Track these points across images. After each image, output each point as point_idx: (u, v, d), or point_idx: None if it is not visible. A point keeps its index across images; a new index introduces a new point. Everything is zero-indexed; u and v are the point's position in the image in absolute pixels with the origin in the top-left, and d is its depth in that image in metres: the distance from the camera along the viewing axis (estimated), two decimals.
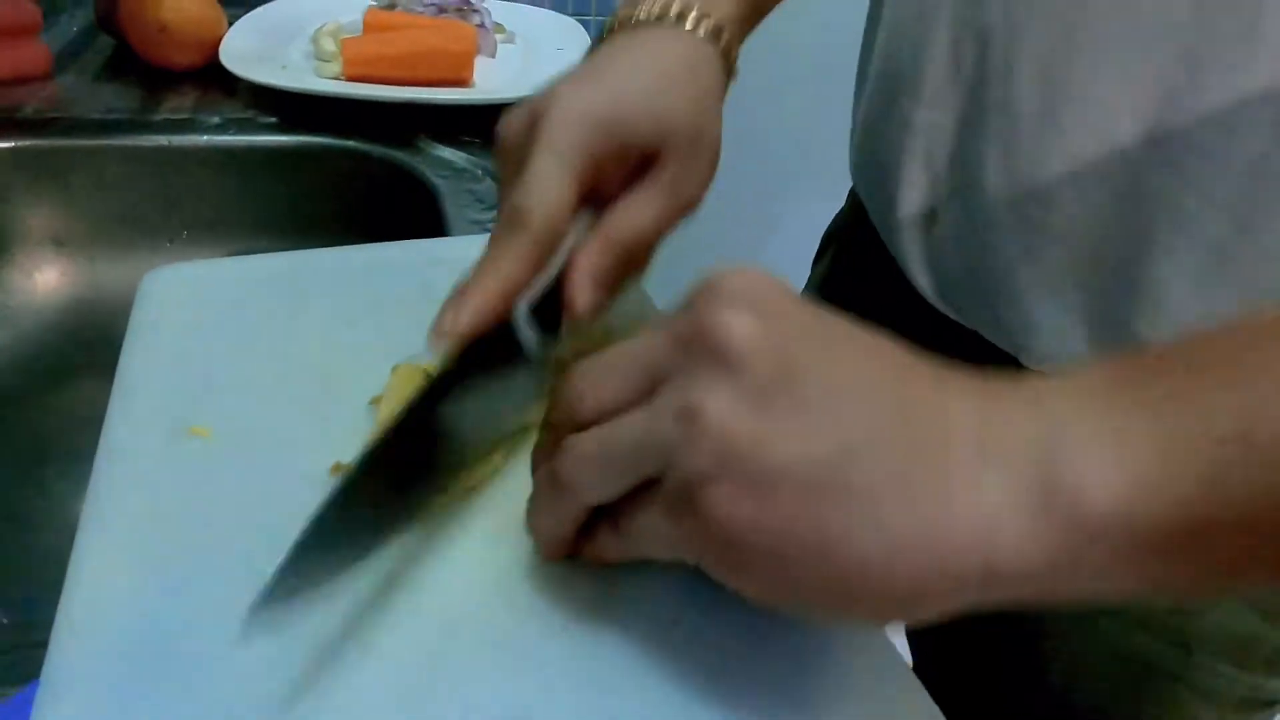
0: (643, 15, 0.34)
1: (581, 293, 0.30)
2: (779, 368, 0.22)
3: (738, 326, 0.22)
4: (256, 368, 0.36)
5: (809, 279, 0.60)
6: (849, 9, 0.70)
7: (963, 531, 0.21)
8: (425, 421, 0.28)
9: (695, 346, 0.23)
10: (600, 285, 0.30)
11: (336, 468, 0.31)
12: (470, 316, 0.28)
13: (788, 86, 1.12)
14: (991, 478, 0.21)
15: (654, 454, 0.23)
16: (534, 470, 0.28)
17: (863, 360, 0.23)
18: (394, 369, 0.34)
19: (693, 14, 0.34)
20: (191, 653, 0.25)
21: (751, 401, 0.22)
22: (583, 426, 0.25)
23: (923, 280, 0.43)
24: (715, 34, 0.34)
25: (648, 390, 0.24)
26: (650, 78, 0.32)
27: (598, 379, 0.25)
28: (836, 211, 0.59)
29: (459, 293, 0.29)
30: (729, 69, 0.36)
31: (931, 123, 0.39)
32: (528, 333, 0.29)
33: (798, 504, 0.21)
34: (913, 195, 0.41)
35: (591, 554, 0.27)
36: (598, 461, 0.24)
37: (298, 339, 0.38)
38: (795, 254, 0.72)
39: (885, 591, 0.21)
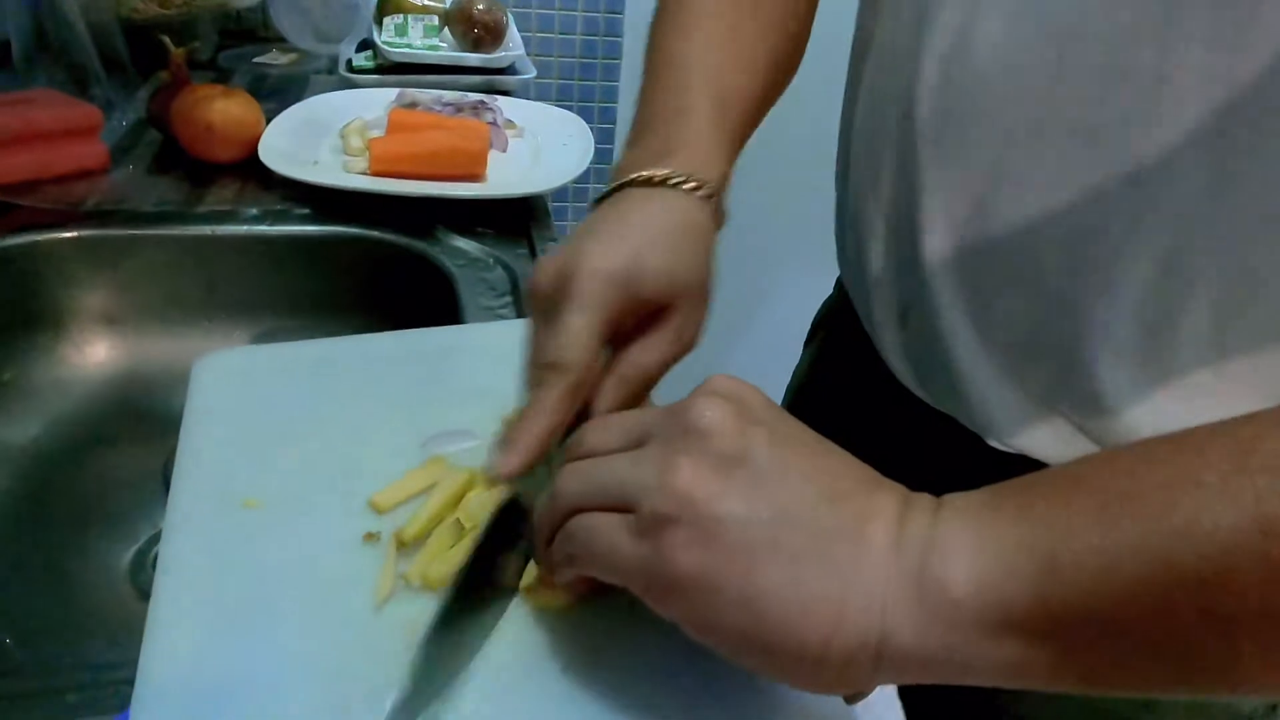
0: (644, 179, 0.40)
1: None
2: (740, 446, 0.28)
3: (713, 412, 0.29)
4: (297, 445, 0.42)
5: (800, 360, 0.65)
6: (835, 103, 0.77)
7: (863, 605, 0.26)
8: (494, 541, 0.34)
9: (680, 421, 0.29)
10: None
11: (369, 536, 0.37)
12: (525, 455, 0.34)
13: (777, 172, 1.19)
14: (892, 567, 0.27)
15: (631, 488, 0.29)
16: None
17: (810, 455, 0.30)
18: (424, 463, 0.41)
19: (691, 182, 0.40)
20: (251, 692, 0.31)
21: (714, 467, 0.28)
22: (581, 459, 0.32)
23: (902, 370, 0.48)
24: (709, 196, 0.40)
25: (631, 445, 0.31)
26: (662, 240, 0.37)
27: (601, 429, 0.33)
28: (825, 297, 0.64)
29: (511, 437, 0.34)
30: (720, 222, 0.42)
31: (891, 238, 0.45)
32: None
33: (735, 554, 0.27)
34: (886, 295, 0.47)
35: (554, 561, 0.32)
36: (585, 478, 0.31)
37: (332, 420, 0.43)
38: (785, 335, 0.77)
39: (797, 645, 0.26)
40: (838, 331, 0.59)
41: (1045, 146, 0.37)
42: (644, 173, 0.40)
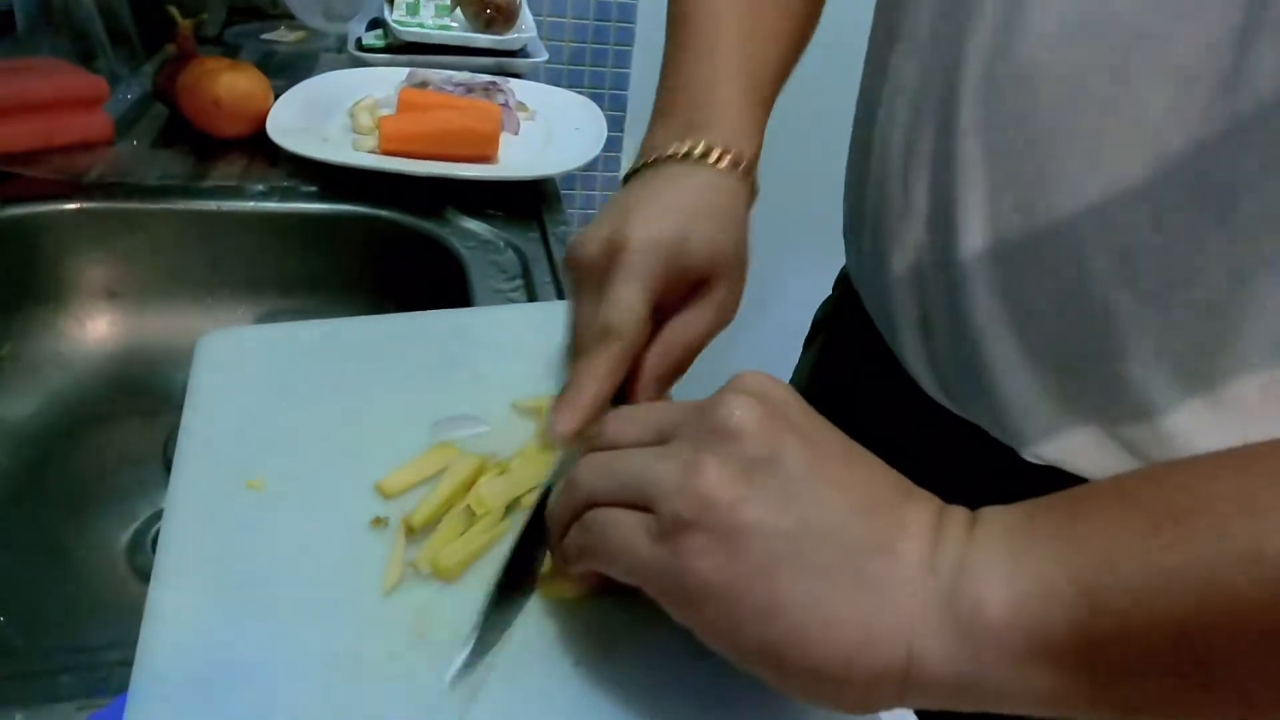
0: (682, 153, 0.40)
1: (646, 392, 0.37)
2: (769, 450, 0.27)
3: (745, 410, 0.27)
4: (303, 427, 0.41)
5: (799, 362, 0.64)
6: (835, 102, 0.76)
7: (892, 625, 0.25)
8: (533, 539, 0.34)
9: (708, 419, 0.28)
10: (661, 386, 0.37)
11: (376, 521, 0.36)
12: (580, 419, 0.34)
13: (775, 169, 1.19)
14: (924, 586, 0.25)
15: (651, 487, 0.27)
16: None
17: (841, 463, 0.28)
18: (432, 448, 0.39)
19: (726, 157, 0.40)
20: (253, 680, 0.30)
21: (739, 471, 0.26)
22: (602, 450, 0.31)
23: (923, 376, 0.47)
24: (747, 171, 0.40)
25: (655, 440, 0.30)
26: (706, 213, 0.38)
27: (624, 421, 0.32)
28: (824, 296, 0.63)
29: (566, 399, 0.34)
30: (753, 194, 0.42)
31: (919, 240, 0.44)
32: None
33: (758, 565, 0.25)
34: (907, 301, 0.46)
35: (567, 553, 0.31)
36: (605, 471, 0.30)
37: (338, 402, 0.42)
38: (784, 335, 0.77)
39: (819, 664, 0.25)
40: (842, 333, 0.58)
41: (1101, 150, 0.35)
42: (681, 148, 0.40)
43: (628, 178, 0.41)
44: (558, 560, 0.32)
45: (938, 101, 0.41)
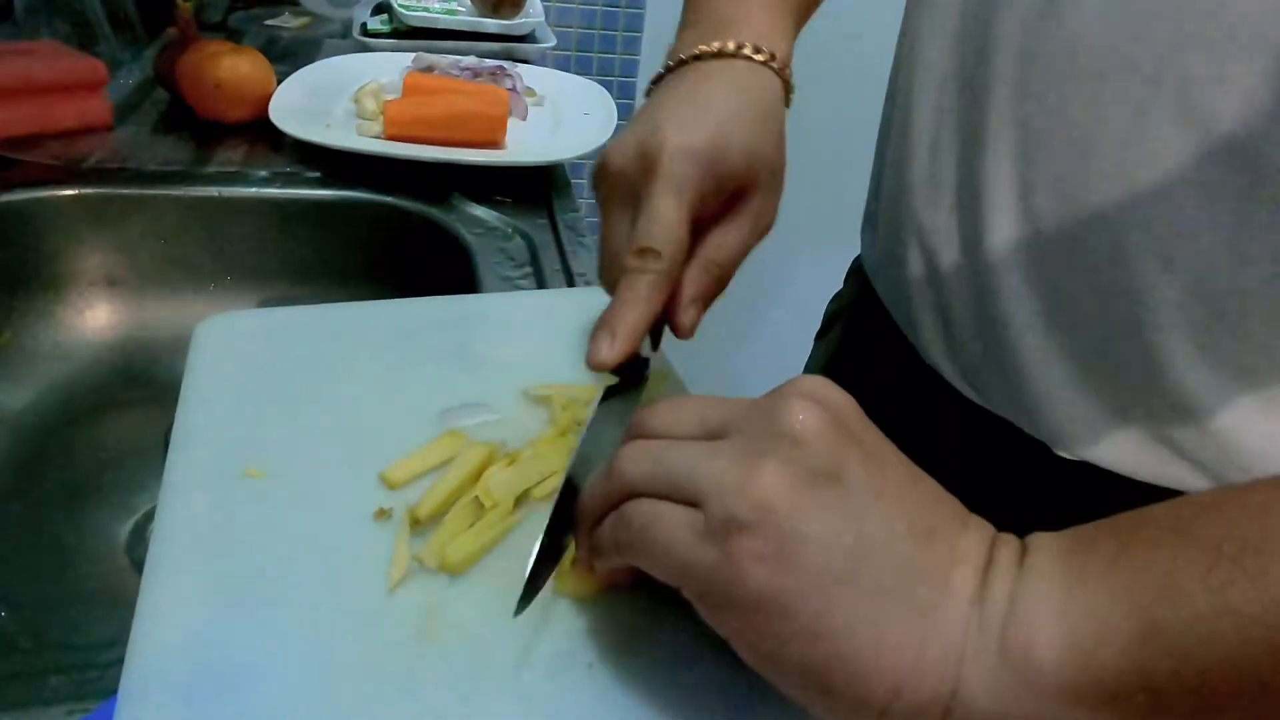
0: (716, 49, 0.37)
1: (688, 314, 0.35)
2: (833, 461, 0.25)
3: (811, 417, 0.26)
4: (304, 414, 0.39)
5: (812, 355, 0.62)
6: (846, 94, 0.74)
7: (939, 658, 0.23)
8: (599, 434, 0.33)
9: (771, 420, 0.26)
10: (701, 305, 0.36)
11: (381, 513, 0.34)
12: (624, 343, 0.33)
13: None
14: (974, 619, 0.24)
15: (704, 482, 0.25)
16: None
17: (902, 482, 0.26)
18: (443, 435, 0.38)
19: (761, 53, 0.38)
20: (250, 681, 0.28)
21: (802, 478, 0.25)
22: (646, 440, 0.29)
23: (947, 368, 0.45)
24: (782, 67, 0.38)
25: (706, 435, 0.28)
26: (744, 117, 0.36)
27: (669, 410, 0.30)
28: (834, 287, 0.61)
29: (609, 323, 0.33)
30: (789, 92, 0.40)
31: (948, 226, 0.42)
32: (645, 344, 0.35)
33: (810, 580, 0.24)
34: (930, 291, 0.44)
35: (599, 548, 0.29)
36: (653, 461, 0.27)
37: (341, 388, 0.41)
38: (795, 328, 0.75)
39: (864, 691, 0.23)
40: (859, 326, 0.56)
41: (1145, 130, 0.33)
42: (710, 46, 0.37)
43: (653, 84, 0.39)
44: (583, 553, 0.30)
45: (968, 79, 0.39)
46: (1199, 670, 0.21)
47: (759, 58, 0.38)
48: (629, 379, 0.35)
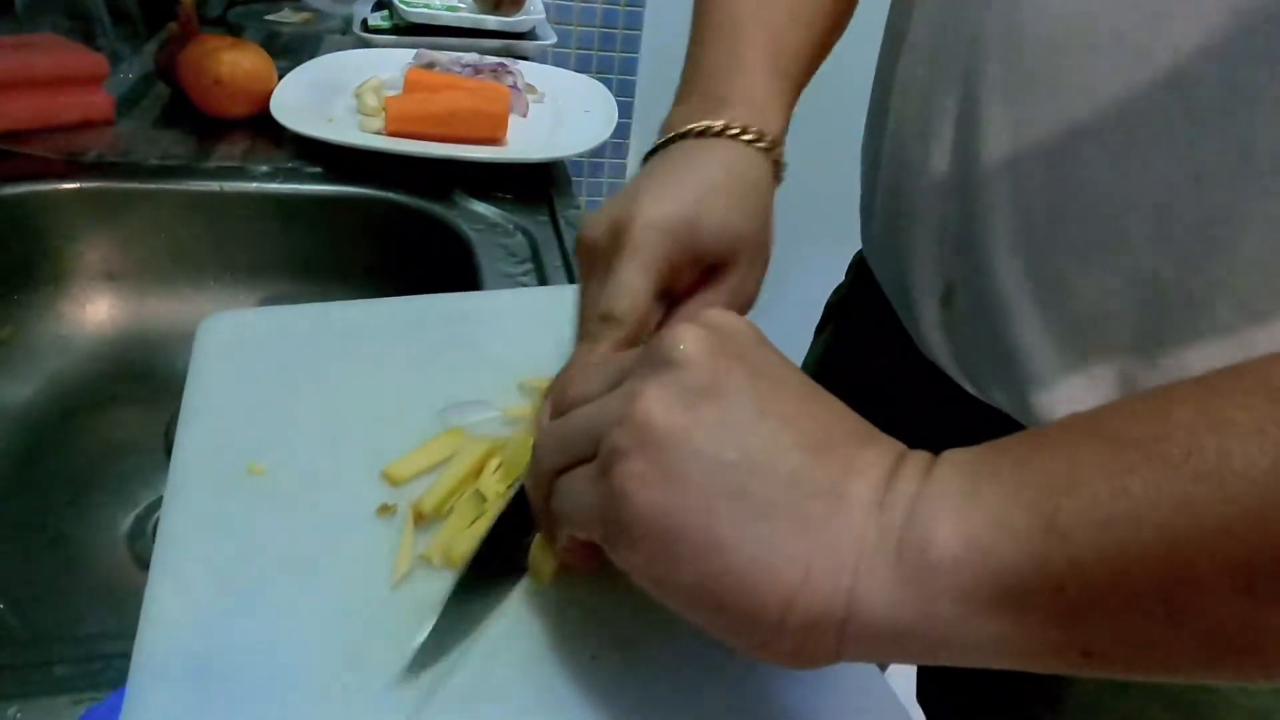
0: (700, 130, 0.38)
1: None
2: (712, 379, 0.25)
3: (689, 339, 0.26)
4: (306, 411, 0.39)
5: (811, 348, 0.63)
6: (846, 89, 0.74)
7: (831, 567, 0.23)
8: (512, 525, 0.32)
9: (654, 353, 0.26)
10: None
11: (384, 509, 0.34)
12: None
13: (788, 159, 1.17)
14: (871, 527, 0.23)
15: (597, 431, 0.26)
16: None
17: (796, 399, 0.26)
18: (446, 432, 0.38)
19: (750, 133, 0.38)
20: (256, 675, 0.28)
21: (682, 400, 0.25)
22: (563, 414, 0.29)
23: (942, 356, 0.45)
24: (769, 148, 0.38)
25: (607, 389, 0.28)
26: (721, 193, 0.35)
27: (580, 378, 0.30)
28: (838, 282, 0.62)
29: (558, 387, 0.32)
30: (779, 174, 0.40)
31: (940, 209, 0.42)
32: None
33: (696, 498, 0.24)
34: (927, 274, 0.44)
35: (557, 539, 0.30)
36: (559, 434, 0.28)
37: (344, 385, 0.41)
38: (797, 320, 0.75)
39: (754, 606, 0.23)
40: (856, 317, 0.57)
41: (1134, 103, 0.33)
42: (701, 123, 0.37)
43: (647, 158, 0.39)
44: (544, 537, 0.31)
45: (958, 58, 0.39)
46: (1100, 559, 0.20)
47: (746, 138, 0.37)
48: None
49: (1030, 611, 0.21)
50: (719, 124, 0.37)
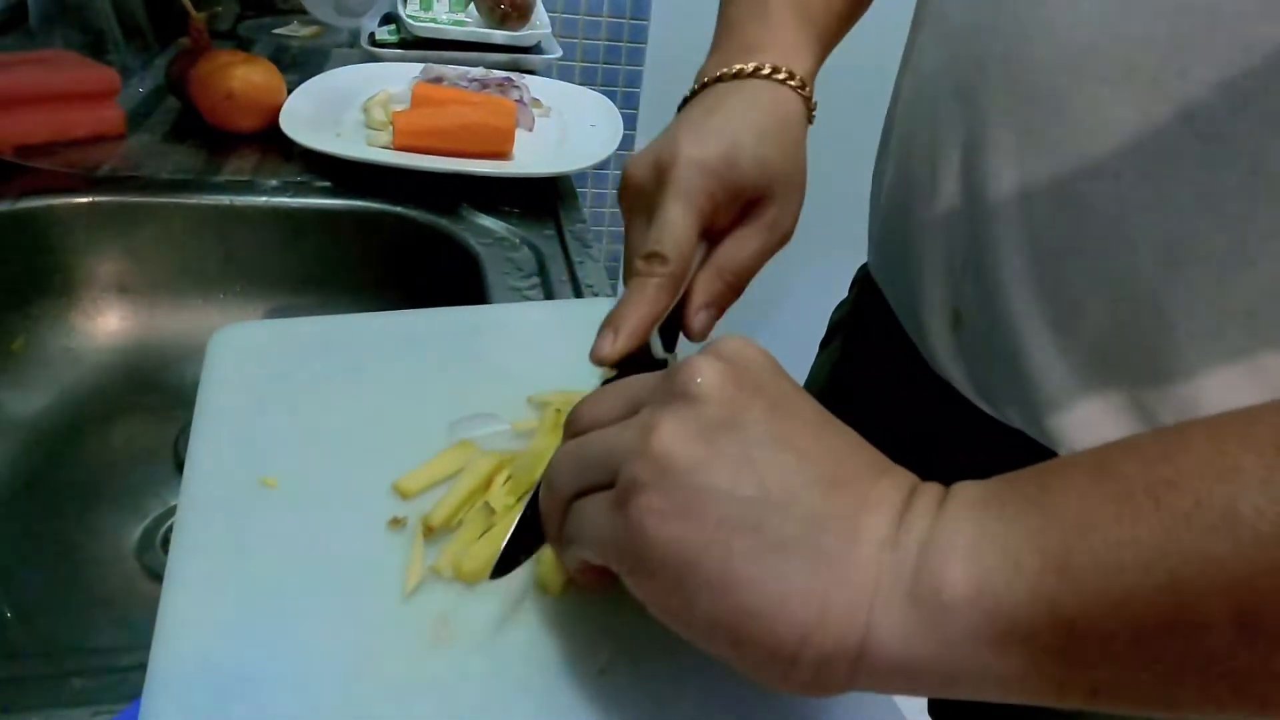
0: (735, 71, 0.40)
1: (699, 318, 0.37)
2: (731, 412, 0.25)
3: (710, 373, 0.26)
4: (317, 424, 0.40)
5: (815, 363, 0.63)
6: (852, 102, 0.75)
7: (846, 603, 0.23)
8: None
9: (673, 384, 0.27)
10: (714, 310, 0.37)
11: (394, 521, 0.35)
12: (625, 340, 0.34)
13: None
14: (885, 564, 0.23)
15: (614, 460, 0.26)
16: None
17: (810, 432, 0.26)
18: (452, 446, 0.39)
19: (781, 73, 0.40)
20: (269, 687, 0.29)
21: (699, 433, 0.25)
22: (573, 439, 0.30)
23: (955, 374, 0.45)
24: (801, 85, 0.40)
25: (623, 417, 0.28)
26: (756, 129, 0.37)
27: (592, 404, 0.30)
28: (840, 292, 0.62)
29: (613, 321, 0.34)
30: (810, 113, 0.42)
31: (948, 231, 0.42)
32: (656, 345, 0.36)
33: (713, 533, 0.24)
34: (936, 295, 0.44)
35: (567, 561, 0.30)
36: (575, 458, 0.28)
37: (354, 398, 0.41)
38: (798, 333, 0.75)
39: (771, 641, 0.23)
40: (864, 333, 0.57)
41: (1144, 130, 0.33)
42: (732, 68, 0.39)
43: (682, 105, 0.41)
44: (557, 555, 0.31)
45: (966, 84, 0.40)
46: (1109, 604, 0.21)
47: (778, 76, 0.39)
48: (629, 368, 0.36)
49: (1040, 651, 0.22)
50: (750, 66, 0.39)
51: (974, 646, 0.22)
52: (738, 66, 0.40)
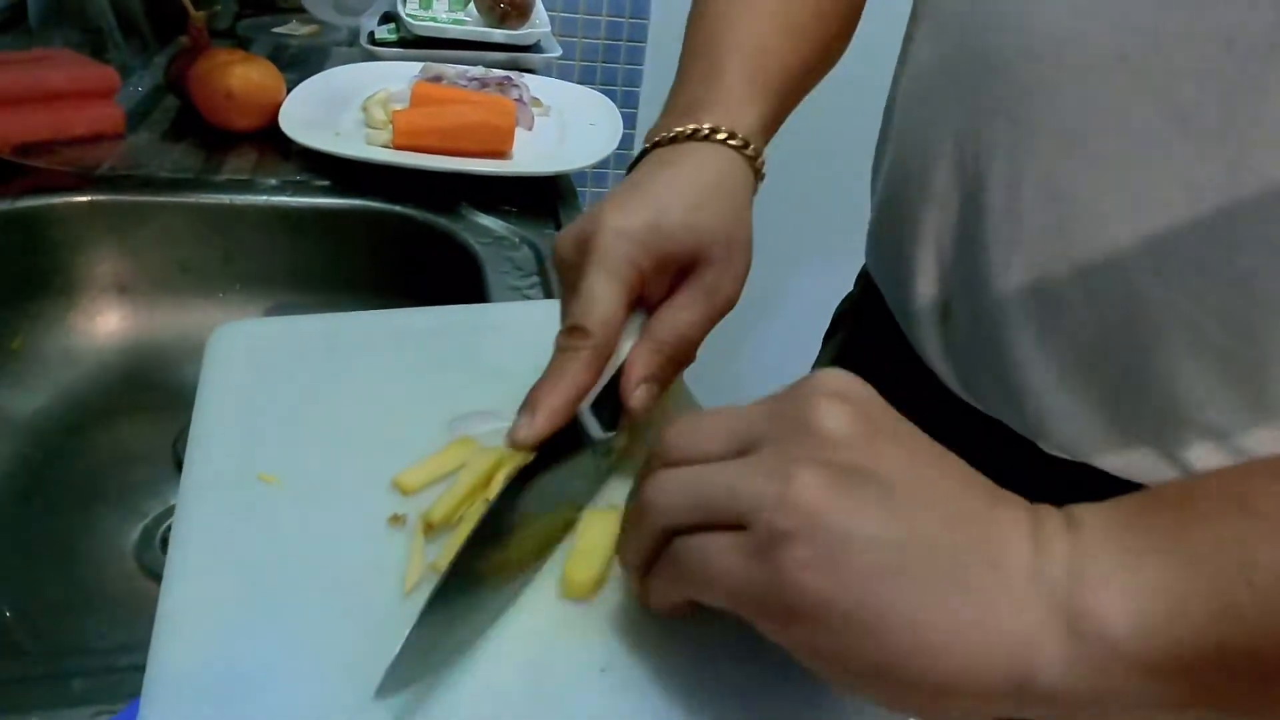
0: (674, 134, 0.38)
1: (636, 394, 0.34)
2: (868, 456, 0.25)
3: (838, 414, 0.26)
4: (317, 421, 0.40)
5: (818, 357, 0.63)
6: (858, 95, 0.75)
7: (1005, 643, 0.23)
8: (508, 511, 0.32)
9: (796, 423, 0.26)
10: (652, 384, 0.34)
11: (395, 519, 0.35)
12: (545, 421, 0.32)
13: (795, 163, 1.18)
14: (1035, 595, 0.24)
15: (744, 502, 0.25)
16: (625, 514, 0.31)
17: (934, 467, 0.26)
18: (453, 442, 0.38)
19: (722, 132, 0.38)
20: (270, 684, 0.29)
21: (841, 480, 0.24)
22: (672, 467, 0.28)
23: (942, 368, 0.45)
24: (743, 145, 0.38)
25: (734, 452, 0.27)
26: (686, 194, 0.35)
27: (692, 431, 0.29)
28: (847, 292, 0.62)
29: (532, 401, 0.33)
30: (757, 173, 0.40)
31: (939, 222, 0.43)
32: (592, 426, 0.34)
33: (866, 578, 0.24)
34: (926, 288, 0.44)
35: (655, 591, 0.29)
36: (686, 492, 0.27)
37: (354, 396, 0.41)
38: (802, 330, 0.76)
39: (925, 681, 0.23)
40: (863, 328, 0.57)
41: (1129, 126, 0.34)
42: (673, 129, 0.38)
43: (630, 168, 0.40)
44: (639, 594, 0.30)
45: (961, 76, 0.40)
46: (1276, 645, 0.21)
47: (718, 137, 0.38)
48: (563, 454, 0.34)
49: (1205, 683, 0.22)
50: (690, 128, 0.38)
51: (1139, 679, 0.23)
52: (676, 129, 0.38)
